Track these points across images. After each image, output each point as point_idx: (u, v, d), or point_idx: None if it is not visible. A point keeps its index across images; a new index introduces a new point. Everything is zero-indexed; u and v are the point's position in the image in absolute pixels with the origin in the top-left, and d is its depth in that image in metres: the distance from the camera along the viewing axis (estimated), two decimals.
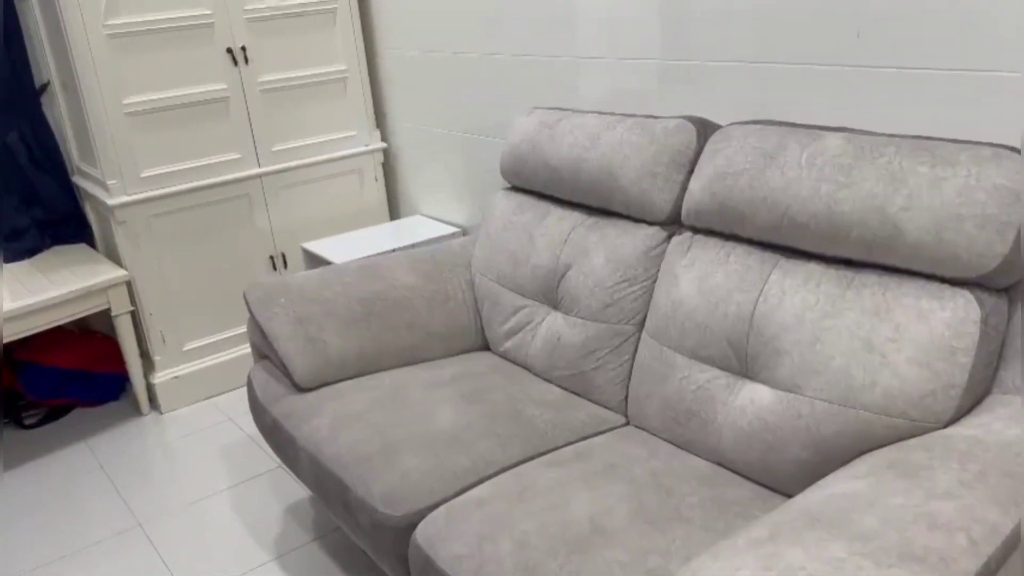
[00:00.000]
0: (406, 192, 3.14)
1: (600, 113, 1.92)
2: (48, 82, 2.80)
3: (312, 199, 2.97)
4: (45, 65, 2.77)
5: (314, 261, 2.87)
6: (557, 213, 1.98)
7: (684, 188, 1.71)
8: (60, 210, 2.89)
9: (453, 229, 2.87)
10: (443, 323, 2.08)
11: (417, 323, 2.04)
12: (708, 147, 1.65)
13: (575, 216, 1.93)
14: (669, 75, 1.98)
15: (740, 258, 1.55)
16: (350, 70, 2.95)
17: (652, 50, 1.99)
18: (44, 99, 2.81)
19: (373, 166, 3.09)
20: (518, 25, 2.39)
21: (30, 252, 2.83)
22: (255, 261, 2.90)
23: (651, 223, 1.76)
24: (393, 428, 1.67)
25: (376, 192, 3.12)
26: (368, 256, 2.65)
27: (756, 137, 1.55)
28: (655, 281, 1.72)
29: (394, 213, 3.23)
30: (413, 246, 2.76)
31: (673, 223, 1.74)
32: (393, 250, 2.72)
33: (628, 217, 1.82)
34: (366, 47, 3.00)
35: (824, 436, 1.35)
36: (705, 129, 1.72)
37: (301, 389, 1.89)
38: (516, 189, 2.15)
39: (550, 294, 1.93)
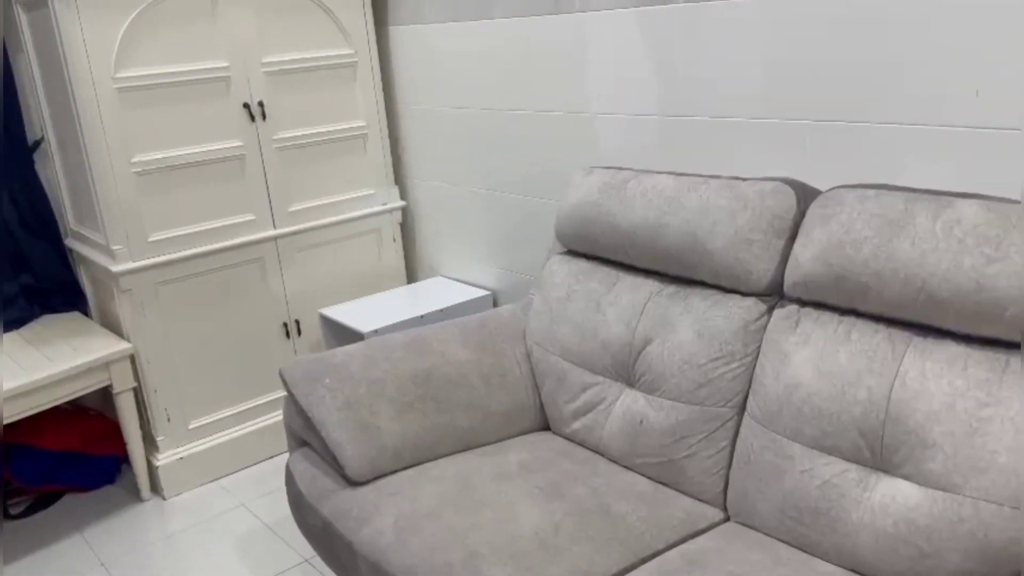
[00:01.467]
0: (426, 253, 2.96)
1: (675, 174, 1.78)
2: (42, 139, 2.59)
3: (328, 262, 2.77)
4: (40, 121, 2.56)
5: (333, 328, 2.66)
6: (628, 281, 1.82)
7: (785, 256, 1.56)
8: (52, 277, 2.66)
9: (481, 292, 2.69)
10: (502, 402, 1.89)
11: (475, 403, 1.85)
12: (813, 212, 1.51)
13: (651, 284, 1.77)
14: (698, 131, 1.85)
15: (865, 336, 1.40)
16: (370, 126, 2.79)
17: (672, 105, 1.87)
18: (37, 157, 2.59)
19: (392, 226, 2.91)
20: (540, 81, 2.26)
21: (18, 323, 2.58)
22: (268, 329, 2.68)
23: (747, 294, 1.61)
24: (470, 532, 1.47)
25: (394, 253, 2.94)
26: (405, 319, 2.47)
27: (875, 203, 1.42)
28: (756, 358, 1.56)
29: (412, 275, 3.05)
30: (443, 311, 2.58)
31: (773, 294, 1.59)
32: (423, 316, 2.53)
33: (717, 287, 1.66)
34: (386, 102, 2.85)
35: (994, 544, 1.18)
36: (804, 192, 1.59)
37: (353, 483, 1.68)
38: (575, 254, 1.99)
39: (625, 371, 1.76)
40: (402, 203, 2.92)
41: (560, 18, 2.19)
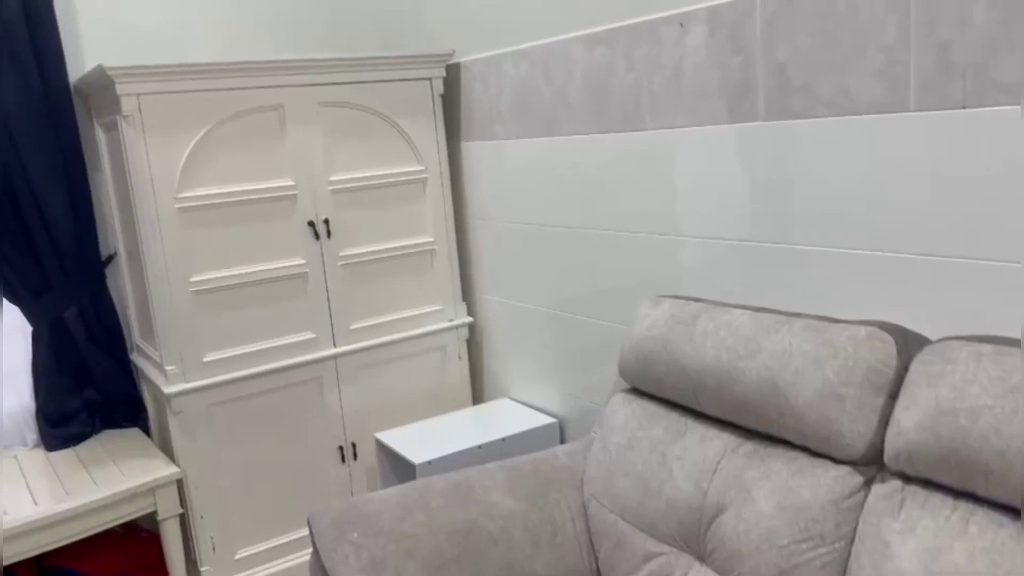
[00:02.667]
0: (492, 372, 2.79)
1: (753, 309, 1.56)
2: (114, 253, 2.61)
3: (390, 380, 2.64)
4: (113, 236, 2.59)
5: (387, 454, 2.50)
6: (699, 431, 1.58)
7: (885, 418, 1.30)
8: (115, 391, 2.62)
9: (547, 419, 2.48)
10: (550, 565, 1.66)
11: (518, 565, 1.63)
12: (919, 368, 1.26)
13: (724, 438, 1.53)
14: (782, 260, 1.62)
15: (987, 530, 1.11)
16: (438, 241, 2.69)
17: (752, 230, 1.65)
18: (108, 272, 2.61)
19: (457, 343, 2.77)
20: (617, 199, 2.10)
21: (78, 439, 2.54)
22: (323, 453, 2.55)
23: (839, 461, 1.34)
24: None
25: (459, 372, 2.78)
26: (462, 449, 2.28)
27: (993, 363, 1.16)
28: (852, 543, 1.29)
29: (478, 395, 2.88)
30: (504, 440, 2.38)
31: (871, 463, 1.32)
32: (480, 446, 2.34)
33: (803, 448, 1.41)
34: (456, 218, 2.76)
35: None
36: (906, 341, 1.33)
37: None
38: (640, 393, 1.77)
39: (694, 540, 1.50)
40: (469, 319, 2.78)
41: (628, 136, 2.05)
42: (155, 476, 2.26)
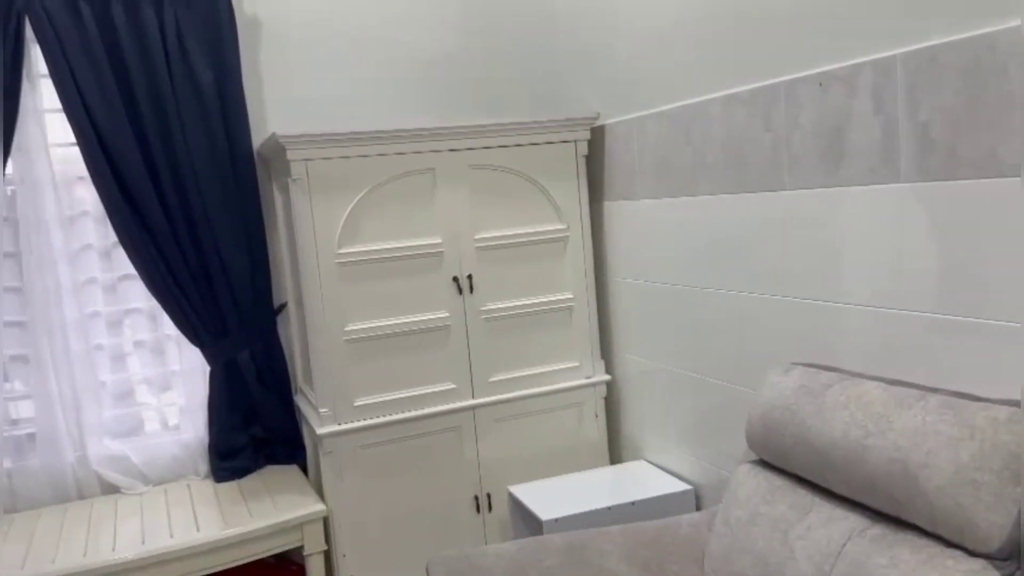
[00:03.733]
0: (630, 433, 2.77)
1: (887, 382, 1.47)
2: (285, 303, 2.85)
3: (526, 434, 2.68)
4: (284, 287, 2.83)
5: (518, 509, 2.53)
6: (824, 510, 1.50)
7: None
8: (279, 430, 2.84)
9: (683, 486, 2.42)
10: None
11: None
12: None
13: (851, 520, 1.44)
14: (923, 328, 1.49)
15: None
16: (577, 298, 2.73)
17: (892, 296, 1.54)
18: (279, 319, 2.85)
19: (594, 401, 2.77)
20: (754, 261, 2.04)
21: (242, 472, 2.77)
22: (459, 501, 2.62)
23: (973, 553, 1.23)
24: None
25: (596, 430, 2.78)
26: (590, 509, 2.27)
27: None
28: None
29: (615, 455, 2.85)
30: (634, 504, 2.34)
31: (1009, 558, 1.20)
32: (610, 507, 2.32)
33: (935, 536, 1.30)
34: (596, 275, 2.79)
35: None
36: None
37: None
38: (767, 465, 1.70)
39: None
40: (607, 377, 2.78)
41: (765, 196, 2.00)
42: (303, 512, 2.42)
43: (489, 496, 2.65)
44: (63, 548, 2.26)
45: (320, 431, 2.44)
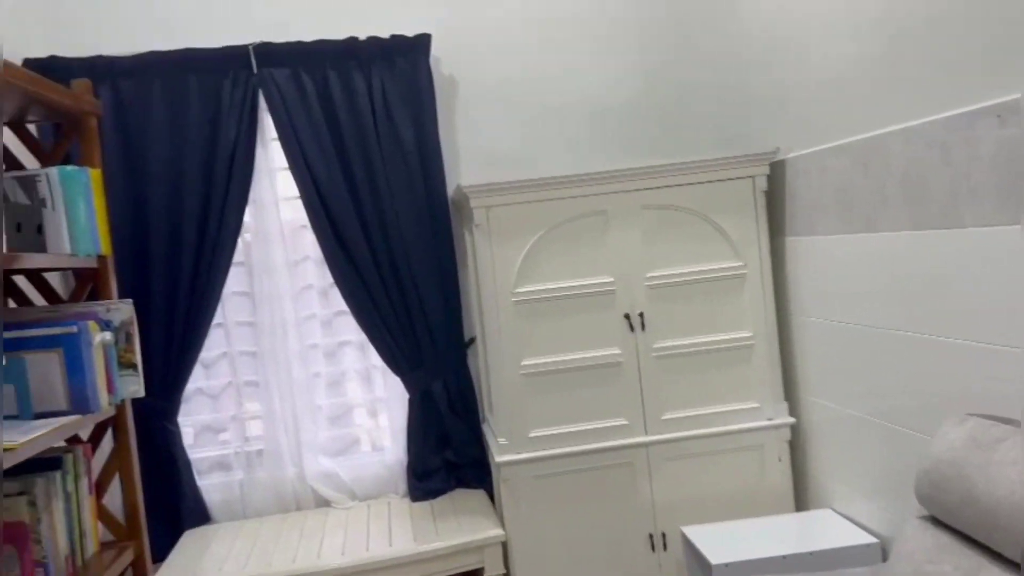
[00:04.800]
0: (816, 479, 2.64)
1: None
2: (474, 338, 3.05)
3: (702, 475, 2.66)
4: (474, 323, 3.04)
5: (691, 551, 2.50)
6: (992, 575, 1.37)
7: None
8: (468, 456, 3.03)
9: (868, 538, 2.28)
10: None
11: None
12: None
13: None
14: None
15: None
16: (756, 337, 2.67)
17: None
18: (469, 352, 3.06)
19: (777, 444, 2.68)
20: (935, 301, 1.89)
21: (435, 493, 2.99)
22: (633, 537, 2.64)
23: None
24: None
25: (779, 475, 2.68)
26: (764, 557, 2.22)
27: None
28: None
29: (801, 502, 2.73)
30: (812, 554, 2.24)
31: None
32: (784, 556, 2.24)
33: None
34: (777, 314, 2.71)
35: None
36: None
37: None
38: (936, 521, 1.59)
39: None
40: (791, 420, 2.68)
41: (945, 233, 1.87)
42: (483, 536, 2.57)
43: (664, 536, 2.65)
44: (278, 553, 2.58)
45: (498, 459, 2.59)
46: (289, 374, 2.97)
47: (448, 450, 3.04)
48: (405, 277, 2.92)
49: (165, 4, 2.87)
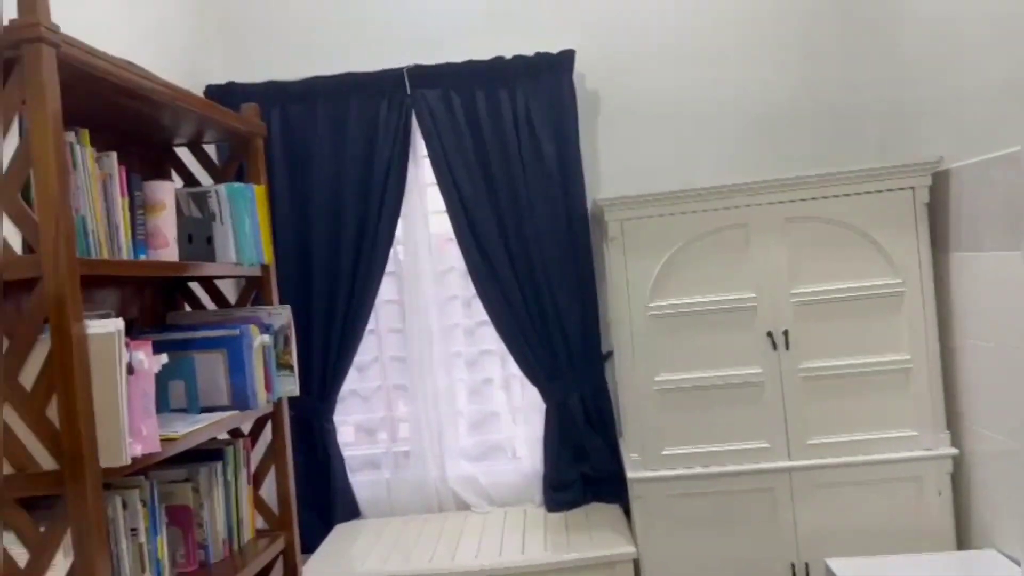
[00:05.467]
0: (980, 516, 2.41)
1: None
2: (611, 351, 3.04)
3: (850, 505, 2.50)
4: (610, 336, 3.03)
5: None
6: None
7: None
8: (604, 470, 3.02)
9: None
10: None
11: None
12: None
13: None
14: None
15: None
16: (915, 360, 2.49)
17: None
18: (607, 365, 3.05)
19: (937, 476, 2.48)
20: None
21: (570, 505, 3.00)
22: (773, 566, 2.53)
23: None
24: None
25: (939, 510, 2.48)
26: None
27: None
28: None
29: (963, 540, 2.50)
30: None
31: None
32: None
33: None
34: (940, 336, 2.51)
35: None
36: None
37: None
38: None
39: None
40: (953, 451, 2.47)
41: None
42: (614, 551, 2.56)
43: (807, 566, 2.52)
44: (417, 551, 2.69)
45: (630, 475, 2.57)
46: (434, 380, 3.10)
47: (584, 463, 3.05)
48: (543, 289, 2.97)
49: (328, 33, 3.10)
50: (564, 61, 2.96)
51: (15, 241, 1.58)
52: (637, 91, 3.04)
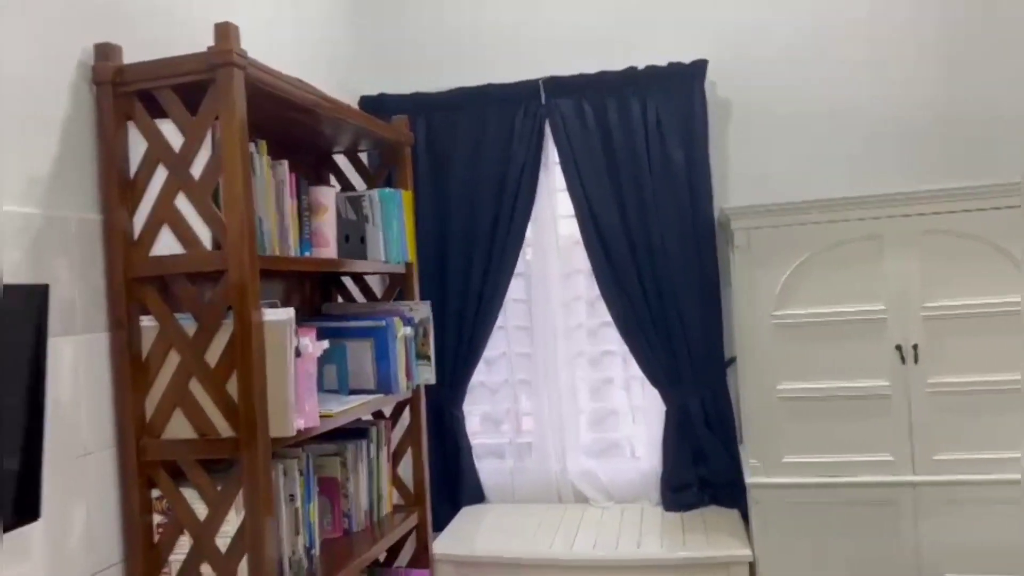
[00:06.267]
0: None
1: None
2: (734, 357, 3.08)
3: (975, 523, 2.45)
4: (732, 341, 3.07)
5: None
6: None
7: None
8: (723, 474, 3.06)
9: None
10: None
11: None
12: None
13: None
14: None
15: None
16: None
17: None
18: (729, 371, 3.09)
19: None
20: None
21: (687, 507, 3.06)
22: None
23: None
24: None
25: None
26: None
27: None
28: None
29: None
30: None
31: None
32: None
33: None
34: None
35: None
36: None
37: None
38: None
39: None
40: None
41: None
42: (728, 553, 2.61)
43: None
44: (537, 537, 2.84)
45: (749, 480, 2.62)
46: (557, 377, 3.24)
47: (703, 466, 3.10)
48: (667, 293, 3.04)
49: (471, 48, 3.29)
50: (696, 71, 3.02)
51: (205, 238, 1.84)
52: (769, 99, 3.06)
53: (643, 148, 3.04)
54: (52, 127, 1.71)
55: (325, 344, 1.96)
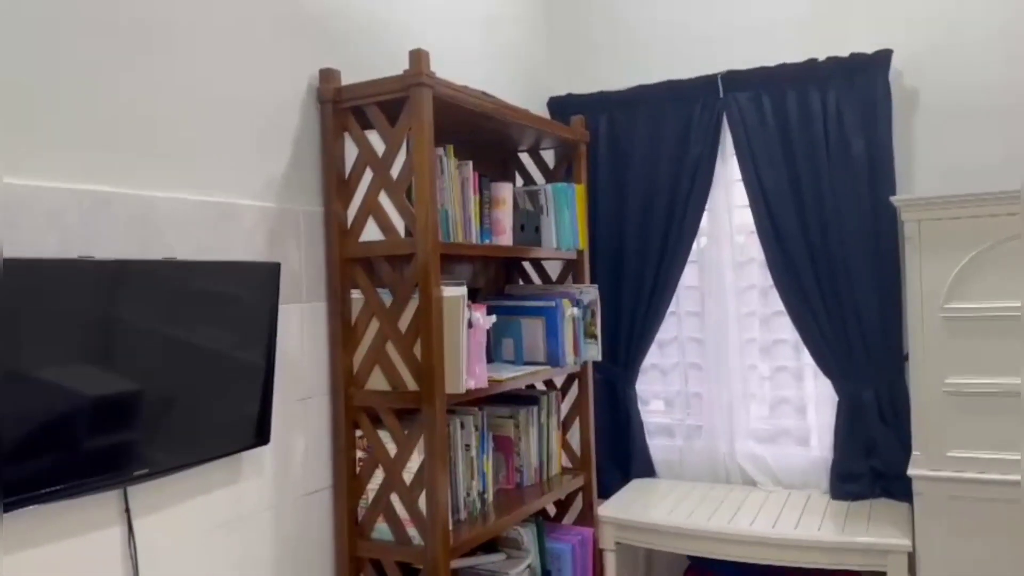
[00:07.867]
0: None
1: None
2: (907, 353, 3.03)
3: None
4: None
5: None
6: None
7: None
8: (896, 466, 3.04)
9: None
10: None
11: None
12: None
13: None
14: None
15: None
16: None
17: None
18: (907, 365, 3.05)
19: None
20: None
21: (855, 496, 3.07)
22: None
23: None
24: None
25: None
26: None
27: None
28: None
29: None
30: None
31: None
32: None
33: None
34: None
35: None
36: None
37: None
38: None
39: None
40: None
41: None
42: (886, 541, 2.63)
43: None
44: (699, 511, 3.01)
45: (910, 471, 2.62)
46: (727, 362, 3.36)
47: (874, 458, 3.09)
48: (842, 285, 3.06)
49: (651, 47, 3.48)
50: (880, 60, 3.00)
51: (400, 228, 2.23)
52: (959, 89, 2.97)
53: (821, 138, 3.08)
54: (286, 137, 2.17)
55: (492, 318, 2.29)
